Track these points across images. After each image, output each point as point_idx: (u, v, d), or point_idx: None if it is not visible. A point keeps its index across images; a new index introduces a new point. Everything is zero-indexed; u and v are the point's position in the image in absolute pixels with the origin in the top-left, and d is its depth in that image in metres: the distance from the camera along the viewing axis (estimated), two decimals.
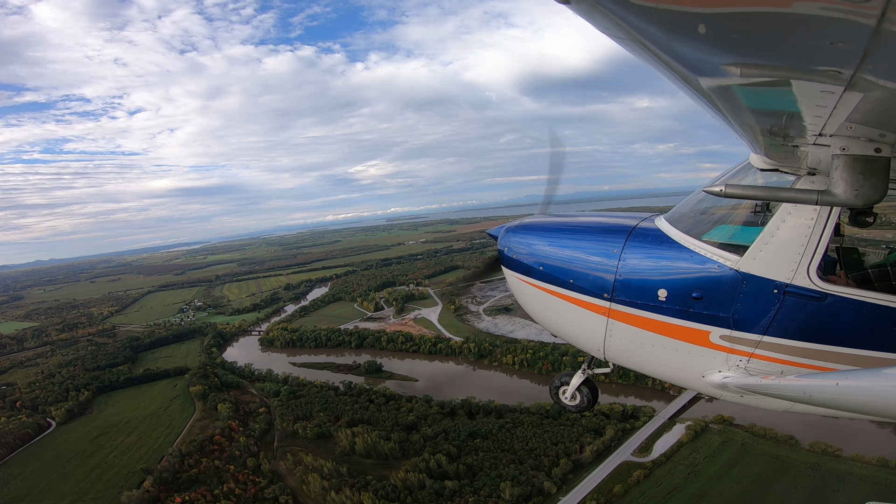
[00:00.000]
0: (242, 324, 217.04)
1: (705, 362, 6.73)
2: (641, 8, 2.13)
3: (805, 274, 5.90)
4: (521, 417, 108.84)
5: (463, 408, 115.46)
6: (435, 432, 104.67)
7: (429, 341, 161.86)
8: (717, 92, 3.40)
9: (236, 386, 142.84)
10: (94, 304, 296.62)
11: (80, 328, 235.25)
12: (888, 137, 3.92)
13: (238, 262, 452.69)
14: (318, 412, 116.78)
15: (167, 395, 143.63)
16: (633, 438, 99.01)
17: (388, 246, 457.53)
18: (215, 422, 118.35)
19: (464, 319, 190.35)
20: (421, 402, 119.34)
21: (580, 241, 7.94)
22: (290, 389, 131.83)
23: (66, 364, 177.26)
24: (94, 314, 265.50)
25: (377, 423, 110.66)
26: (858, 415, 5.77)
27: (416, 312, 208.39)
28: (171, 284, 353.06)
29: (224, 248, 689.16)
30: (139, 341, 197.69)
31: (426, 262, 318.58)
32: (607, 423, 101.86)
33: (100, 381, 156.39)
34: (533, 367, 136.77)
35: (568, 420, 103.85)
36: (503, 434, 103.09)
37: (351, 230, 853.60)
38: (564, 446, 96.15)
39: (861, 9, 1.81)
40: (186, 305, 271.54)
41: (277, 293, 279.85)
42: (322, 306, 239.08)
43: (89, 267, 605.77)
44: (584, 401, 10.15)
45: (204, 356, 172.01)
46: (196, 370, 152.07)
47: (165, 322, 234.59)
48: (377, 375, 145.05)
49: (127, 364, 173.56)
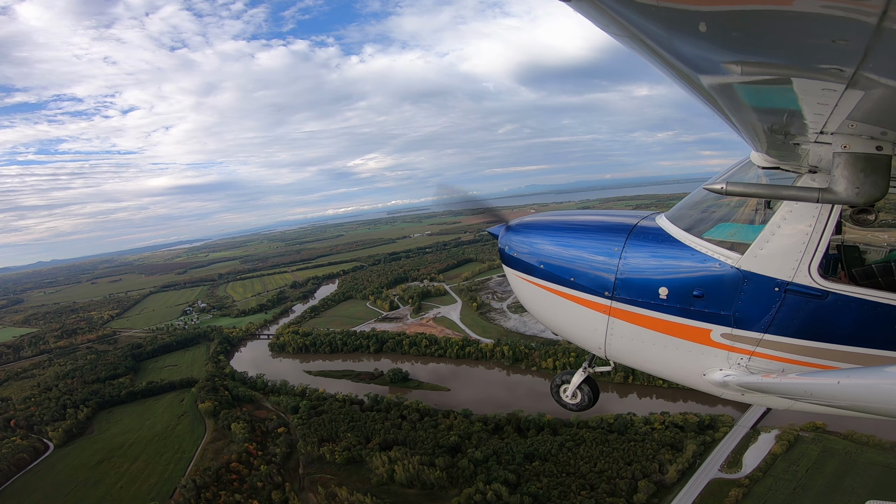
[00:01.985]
0: (250, 327, 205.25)
1: (706, 360, 6.70)
2: (642, 6, 2.13)
3: (806, 272, 5.84)
4: (582, 433, 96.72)
5: (510, 423, 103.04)
6: (484, 455, 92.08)
7: (455, 344, 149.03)
8: (718, 90, 3.40)
9: (249, 400, 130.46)
10: (95, 306, 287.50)
11: (80, 334, 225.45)
12: (889, 135, 3.89)
13: (240, 260, 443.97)
14: (345, 432, 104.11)
15: (174, 410, 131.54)
16: (716, 452, 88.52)
17: (394, 239, 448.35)
18: (230, 444, 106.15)
19: (488, 318, 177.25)
20: (460, 418, 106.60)
21: (581, 240, 7.86)
22: (310, 404, 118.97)
23: (64, 376, 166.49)
24: (94, 318, 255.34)
25: (414, 444, 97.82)
26: (860, 413, 5.69)
27: (434, 311, 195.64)
28: (173, 284, 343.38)
29: (225, 245, 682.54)
30: (141, 349, 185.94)
31: (437, 256, 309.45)
32: (684, 436, 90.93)
33: (100, 395, 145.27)
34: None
35: (636, 435, 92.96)
36: (565, 454, 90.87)
37: (353, 224, 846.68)
38: (641, 466, 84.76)
39: (862, 7, 1.82)
40: (190, 307, 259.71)
41: (284, 292, 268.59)
42: (332, 305, 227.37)
43: (90, 267, 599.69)
44: (584, 399, 9.97)
45: (211, 365, 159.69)
46: (204, 382, 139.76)
47: (168, 326, 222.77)
48: (403, 385, 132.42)
49: (129, 375, 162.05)
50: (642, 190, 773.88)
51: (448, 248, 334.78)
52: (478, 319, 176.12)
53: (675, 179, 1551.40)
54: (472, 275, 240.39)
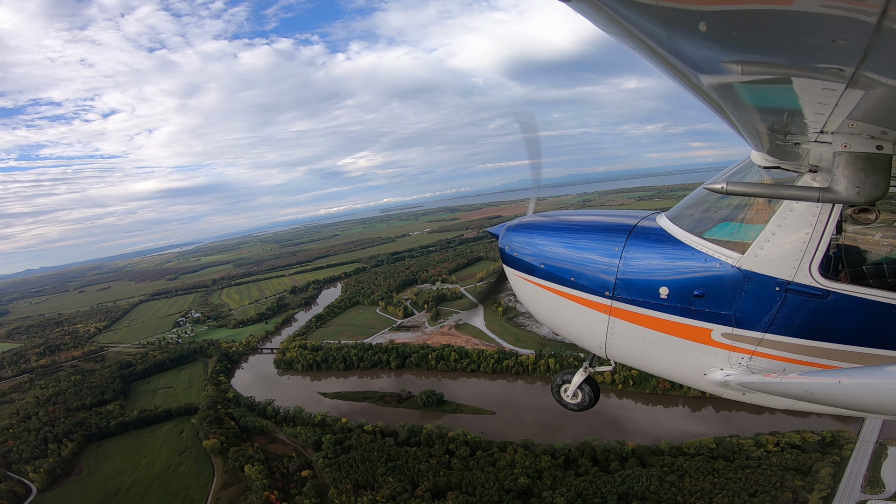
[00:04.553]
0: (251, 340, 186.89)
1: (707, 360, 6.69)
2: (642, 6, 2.14)
3: (807, 271, 5.84)
4: (679, 462, 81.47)
5: (584, 454, 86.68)
6: (568, 499, 75.60)
7: (491, 357, 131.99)
8: (719, 89, 3.40)
9: (259, 431, 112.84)
10: (81, 318, 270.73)
11: (64, 350, 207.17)
12: (890, 134, 3.88)
13: (234, 263, 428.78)
14: (384, 475, 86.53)
15: (173, 445, 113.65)
16: (850, 473, 76.53)
17: (393, 238, 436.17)
18: (247, 492, 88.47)
19: (518, 324, 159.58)
20: (521, 451, 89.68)
21: (581, 240, 7.86)
22: (335, 438, 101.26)
23: (46, 401, 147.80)
24: (81, 332, 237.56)
25: (473, 488, 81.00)
26: (861, 413, 5.68)
27: (455, 317, 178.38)
28: (164, 292, 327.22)
29: (217, 248, 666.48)
30: (131, 368, 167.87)
31: (443, 255, 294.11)
32: (807, 458, 78.14)
33: (86, 426, 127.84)
34: (643, 386, 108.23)
35: (749, 460, 78.13)
36: (668, 490, 75.77)
37: (347, 223, 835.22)
38: (769, 497, 71.07)
39: (862, 6, 1.83)
40: (183, 317, 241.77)
41: (283, 298, 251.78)
42: (339, 313, 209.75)
43: (79, 275, 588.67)
44: (585, 399, 9.99)
45: (211, 388, 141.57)
46: (205, 411, 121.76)
47: (160, 340, 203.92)
48: (439, 409, 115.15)
49: (118, 400, 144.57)
50: (639, 182, 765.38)
51: (453, 246, 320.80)
52: (507, 326, 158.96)
53: (666, 171, 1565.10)
54: (486, 275, 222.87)
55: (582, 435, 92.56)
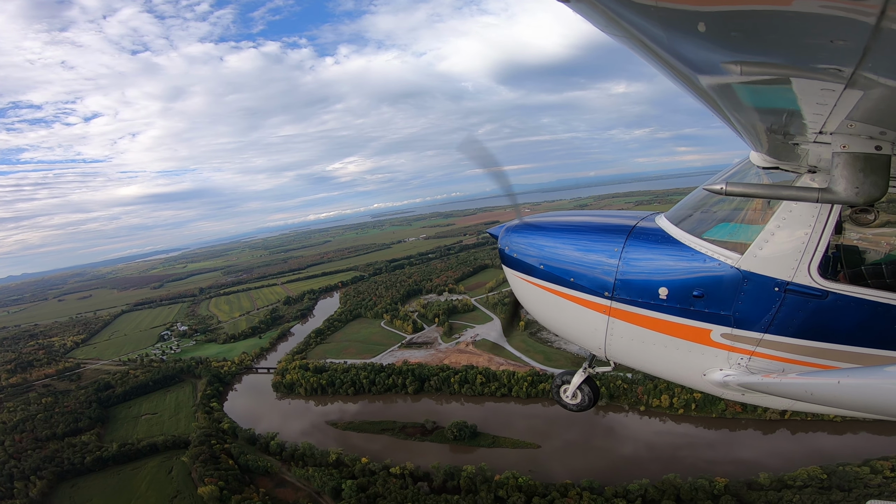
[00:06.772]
0: (244, 358, 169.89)
1: (706, 360, 6.62)
2: (641, 6, 2.14)
3: (806, 272, 5.80)
4: (788, 497, 70.42)
5: (665, 495, 73.38)
6: None
7: (524, 380, 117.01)
8: (718, 90, 3.41)
9: (264, 471, 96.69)
10: (58, 330, 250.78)
11: (37, 367, 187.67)
12: (888, 135, 3.90)
13: (222, 271, 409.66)
14: None
15: (161, 488, 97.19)
16: None
17: (389, 244, 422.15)
18: None
19: (542, 339, 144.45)
20: (587, 495, 75.07)
21: (581, 240, 7.74)
22: (357, 483, 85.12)
23: (13, 428, 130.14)
24: (56, 345, 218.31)
25: None
26: (861, 413, 5.64)
27: (471, 332, 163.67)
28: (147, 301, 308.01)
29: (204, 255, 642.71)
30: (110, 390, 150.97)
31: (445, 263, 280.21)
32: None
33: (57, 461, 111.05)
34: (710, 409, 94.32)
35: (868, 488, 68.68)
36: None
37: (337, 228, 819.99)
38: None
39: (861, 7, 1.84)
40: (168, 331, 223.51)
41: (277, 309, 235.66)
42: (340, 327, 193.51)
43: (60, 282, 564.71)
44: (585, 399, 9.72)
45: (202, 416, 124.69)
46: (197, 446, 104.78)
47: (143, 357, 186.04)
48: (472, 443, 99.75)
49: (94, 429, 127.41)
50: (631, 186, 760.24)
51: (454, 253, 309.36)
52: (531, 342, 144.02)
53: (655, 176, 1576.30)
54: (496, 284, 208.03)
55: (656, 472, 78.71)
